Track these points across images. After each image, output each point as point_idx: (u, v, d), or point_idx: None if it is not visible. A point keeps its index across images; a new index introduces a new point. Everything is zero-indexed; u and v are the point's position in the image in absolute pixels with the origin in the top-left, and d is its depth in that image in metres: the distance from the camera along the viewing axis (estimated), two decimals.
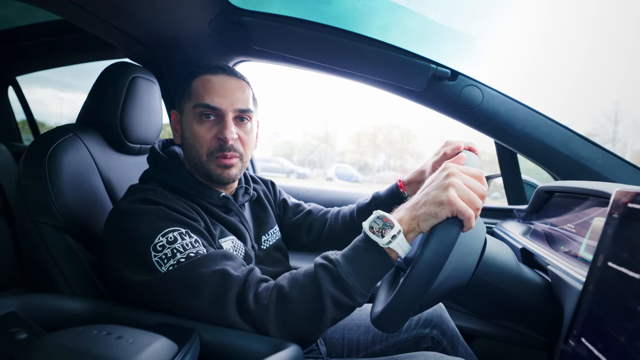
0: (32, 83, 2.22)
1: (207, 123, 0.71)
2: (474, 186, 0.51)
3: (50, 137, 0.78)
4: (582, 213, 0.72)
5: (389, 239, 0.52)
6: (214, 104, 0.70)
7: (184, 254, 0.57)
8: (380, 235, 0.53)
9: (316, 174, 15.97)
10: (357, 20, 1.06)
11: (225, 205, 0.76)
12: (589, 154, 0.98)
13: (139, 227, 0.60)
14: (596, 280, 0.42)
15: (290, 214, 0.98)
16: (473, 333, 1.13)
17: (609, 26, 64.85)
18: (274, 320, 0.53)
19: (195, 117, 0.72)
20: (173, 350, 0.44)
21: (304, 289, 0.54)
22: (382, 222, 0.53)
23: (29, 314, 0.49)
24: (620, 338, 0.35)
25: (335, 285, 0.54)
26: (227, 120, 0.71)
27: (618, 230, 0.40)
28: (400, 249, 0.53)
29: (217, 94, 0.71)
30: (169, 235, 0.59)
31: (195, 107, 0.71)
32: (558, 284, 0.58)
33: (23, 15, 1.52)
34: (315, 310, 0.54)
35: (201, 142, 0.71)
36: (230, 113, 0.71)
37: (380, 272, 0.55)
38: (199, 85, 0.72)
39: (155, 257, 0.57)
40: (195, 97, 0.72)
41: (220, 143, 0.71)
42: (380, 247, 0.53)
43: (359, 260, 0.54)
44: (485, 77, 1.03)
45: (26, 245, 0.75)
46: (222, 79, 0.72)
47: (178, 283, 0.56)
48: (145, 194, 0.66)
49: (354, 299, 0.54)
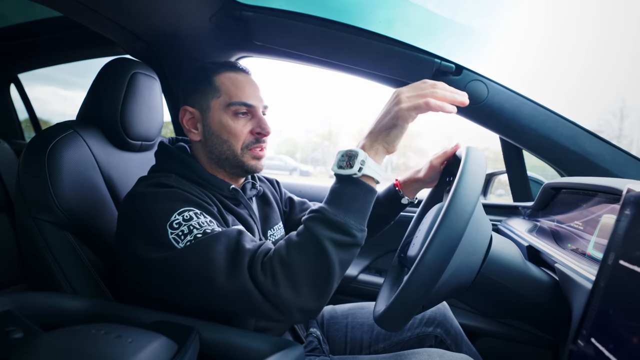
0: (33, 81, 2.22)
1: (242, 119, 0.75)
2: (420, 85, 0.58)
3: (50, 133, 0.77)
4: (590, 210, 0.71)
5: (359, 166, 0.55)
6: (250, 102, 0.74)
7: (200, 230, 0.58)
8: (349, 168, 0.55)
9: (319, 171, 15.96)
10: (359, 14, 1.05)
11: (234, 198, 0.77)
12: (597, 150, 0.96)
13: (155, 207, 0.61)
14: (606, 278, 0.41)
15: (297, 211, 0.99)
16: (477, 331, 1.12)
17: (614, 21, 64.25)
18: (284, 286, 0.53)
19: (229, 114, 0.74)
20: (173, 350, 0.44)
21: (301, 246, 0.55)
22: (347, 157, 0.56)
23: (25, 313, 0.49)
24: (633, 339, 0.34)
25: (329, 228, 0.54)
26: (261, 116, 0.76)
27: (630, 227, 0.39)
28: (374, 173, 0.56)
29: (250, 92, 0.75)
30: (184, 214, 0.59)
31: (230, 105, 0.73)
32: (566, 282, 0.56)
33: (20, 12, 1.51)
34: (320, 259, 0.53)
35: (239, 136, 0.74)
36: (261, 109, 0.76)
37: (365, 202, 0.57)
38: (228, 83, 0.74)
39: (172, 235, 0.57)
40: (227, 95, 0.74)
41: (257, 137, 0.75)
42: (354, 178, 0.56)
43: (340, 198, 0.56)
44: (490, 72, 1.02)
45: (27, 242, 0.74)
46: (246, 77, 0.77)
47: (194, 259, 0.55)
48: (159, 178, 0.67)
49: (352, 234, 0.55)
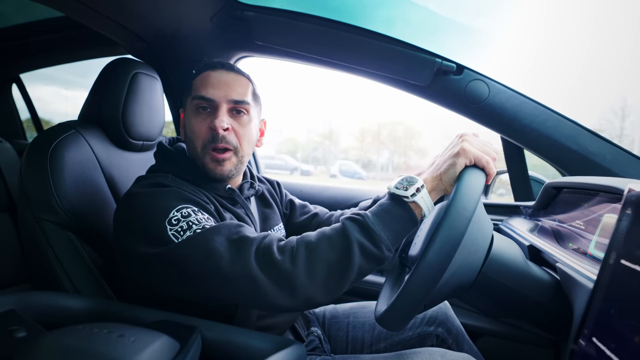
0: (35, 81, 2.22)
1: (202, 115, 0.72)
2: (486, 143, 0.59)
3: (52, 133, 0.77)
4: (592, 209, 0.71)
5: (413, 192, 0.56)
6: (208, 95, 0.71)
7: (199, 225, 0.58)
8: (404, 190, 0.57)
9: (320, 171, 15.95)
10: (360, 13, 1.05)
11: (231, 197, 0.77)
12: (598, 149, 0.96)
13: (152, 205, 0.61)
14: (608, 278, 0.41)
15: (297, 214, 0.98)
16: (478, 331, 1.12)
17: (615, 20, 64.02)
18: (302, 268, 0.53)
19: (192, 111, 0.73)
20: (175, 349, 0.44)
21: (331, 239, 0.55)
22: (406, 181, 0.58)
23: (28, 312, 0.49)
24: (634, 338, 0.34)
25: (363, 234, 0.55)
26: (219, 110, 0.71)
27: (632, 227, 0.39)
28: (424, 204, 0.57)
29: (212, 86, 0.72)
30: (182, 211, 0.59)
31: (192, 99, 0.73)
32: (567, 281, 0.56)
33: (22, 13, 1.51)
34: (344, 257, 0.54)
35: (197, 134, 0.72)
36: (224, 104, 0.72)
37: (405, 227, 0.57)
38: (199, 80, 0.74)
39: (171, 231, 0.57)
40: (194, 91, 0.74)
41: (213, 134, 0.70)
42: (405, 201, 0.57)
43: (385, 213, 0.57)
44: (491, 71, 1.01)
45: (29, 242, 0.75)
46: (220, 73, 0.74)
47: (196, 248, 0.55)
48: (157, 179, 0.67)
49: (380, 248, 0.55)
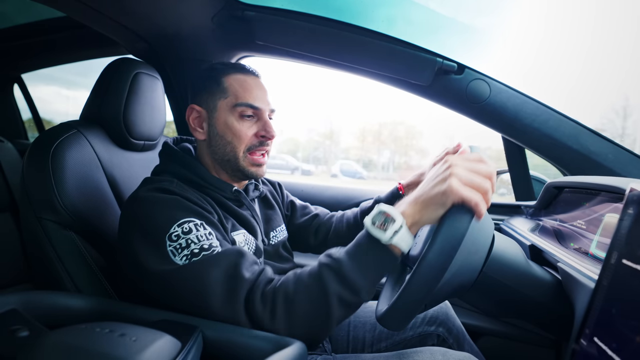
0: (36, 81, 2.23)
1: (247, 122, 0.75)
2: (478, 169, 0.50)
3: (54, 133, 0.77)
4: (593, 209, 0.71)
5: (392, 234, 0.51)
6: (256, 104, 0.74)
7: (197, 245, 0.58)
8: (382, 230, 0.52)
9: (320, 170, 15.94)
10: (361, 13, 1.05)
11: (237, 199, 0.77)
12: (600, 149, 0.95)
13: (155, 216, 0.61)
14: (609, 278, 0.41)
15: (298, 215, 0.99)
16: (479, 331, 1.12)
17: (617, 19, 63.80)
18: (281, 323, 0.53)
19: (234, 115, 0.74)
20: (176, 348, 0.44)
21: (309, 290, 0.54)
22: (384, 217, 0.52)
23: (30, 312, 0.49)
24: (635, 338, 0.34)
25: (341, 284, 0.53)
26: (266, 119, 0.75)
27: (633, 226, 0.39)
28: (404, 243, 0.52)
29: (257, 94, 0.75)
30: (184, 226, 0.59)
31: (236, 106, 0.73)
32: (569, 281, 0.56)
33: (23, 13, 1.52)
34: (322, 310, 0.53)
35: (243, 138, 0.74)
36: (267, 112, 0.76)
37: (384, 269, 0.55)
38: (236, 84, 0.74)
39: (170, 247, 0.58)
40: (234, 96, 0.74)
41: (261, 140, 0.75)
42: (383, 244, 0.52)
43: (363, 258, 0.54)
44: (492, 71, 1.01)
45: (31, 242, 0.75)
46: (255, 80, 0.77)
47: (191, 281, 0.56)
48: (161, 183, 0.67)
49: (360, 295, 0.54)
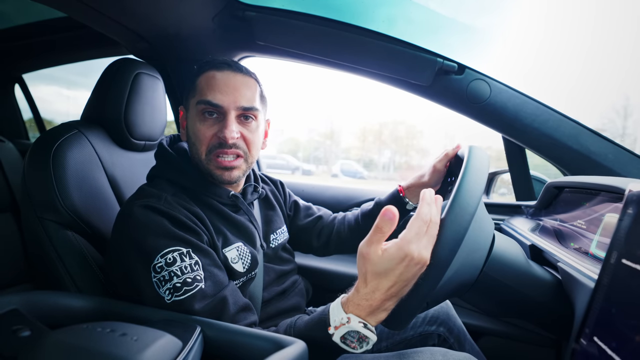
0: (37, 81, 2.23)
1: (208, 121, 0.69)
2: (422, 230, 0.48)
3: (55, 133, 0.78)
4: (593, 209, 0.71)
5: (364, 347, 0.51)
6: (215, 101, 0.68)
7: (180, 279, 0.58)
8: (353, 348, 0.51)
9: (321, 170, 15.93)
10: (361, 13, 1.05)
11: (234, 204, 0.75)
12: (600, 149, 0.95)
13: (141, 243, 0.61)
14: (609, 277, 0.41)
15: (302, 216, 0.98)
16: (480, 330, 1.11)
17: (617, 18, 63.72)
18: None
19: (197, 114, 0.70)
20: (177, 347, 0.44)
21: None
22: (358, 337, 0.51)
23: (31, 312, 0.49)
24: (635, 337, 0.34)
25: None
26: (228, 118, 0.69)
27: (633, 226, 0.39)
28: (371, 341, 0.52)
29: (220, 90, 0.68)
30: (167, 257, 0.59)
31: (198, 103, 0.69)
32: (569, 281, 0.56)
33: (24, 13, 1.52)
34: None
35: (201, 140, 0.69)
36: (233, 111, 0.69)
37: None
38: (204, 81, 0.70)
39: (155, 278, 0.59)
40: (199, 93, 0.70)
41: (220, 141, 0.69)
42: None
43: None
44: (492, 71, 1.01)
45: (32, 242, 0.75)
46: (227, 75, 0.70)
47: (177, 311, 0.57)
48: (149, 200, 0.65)
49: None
